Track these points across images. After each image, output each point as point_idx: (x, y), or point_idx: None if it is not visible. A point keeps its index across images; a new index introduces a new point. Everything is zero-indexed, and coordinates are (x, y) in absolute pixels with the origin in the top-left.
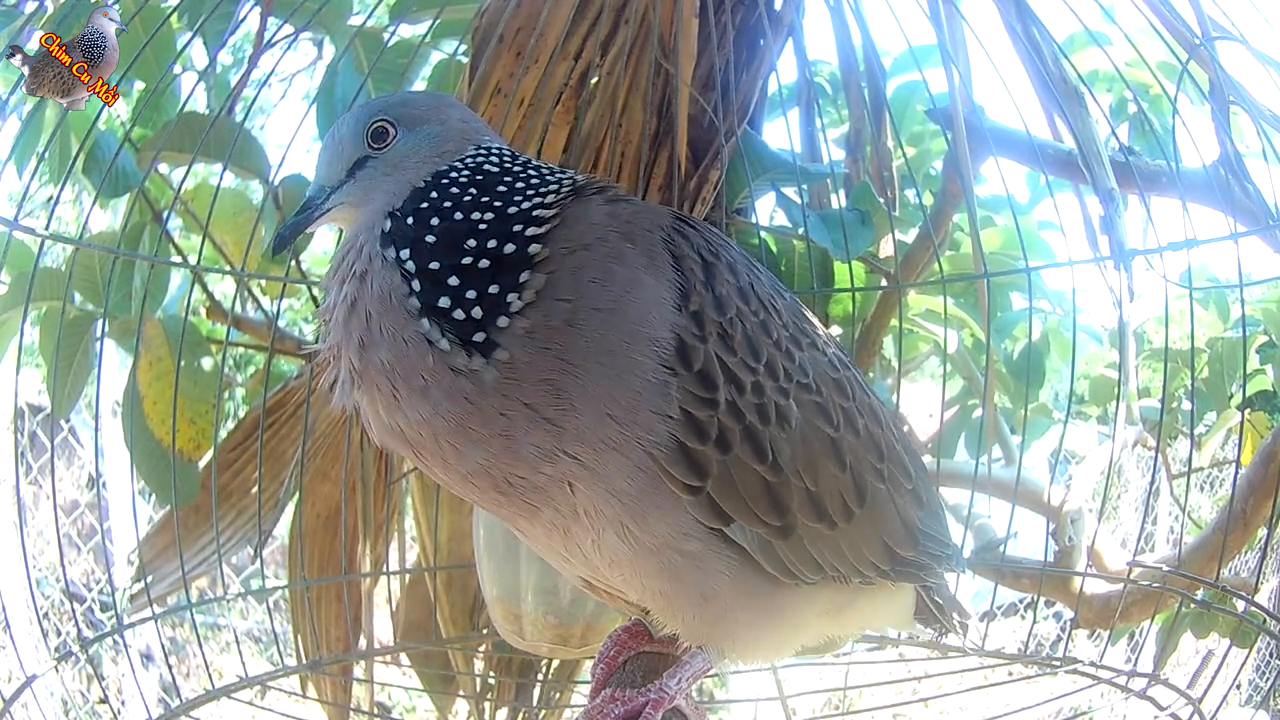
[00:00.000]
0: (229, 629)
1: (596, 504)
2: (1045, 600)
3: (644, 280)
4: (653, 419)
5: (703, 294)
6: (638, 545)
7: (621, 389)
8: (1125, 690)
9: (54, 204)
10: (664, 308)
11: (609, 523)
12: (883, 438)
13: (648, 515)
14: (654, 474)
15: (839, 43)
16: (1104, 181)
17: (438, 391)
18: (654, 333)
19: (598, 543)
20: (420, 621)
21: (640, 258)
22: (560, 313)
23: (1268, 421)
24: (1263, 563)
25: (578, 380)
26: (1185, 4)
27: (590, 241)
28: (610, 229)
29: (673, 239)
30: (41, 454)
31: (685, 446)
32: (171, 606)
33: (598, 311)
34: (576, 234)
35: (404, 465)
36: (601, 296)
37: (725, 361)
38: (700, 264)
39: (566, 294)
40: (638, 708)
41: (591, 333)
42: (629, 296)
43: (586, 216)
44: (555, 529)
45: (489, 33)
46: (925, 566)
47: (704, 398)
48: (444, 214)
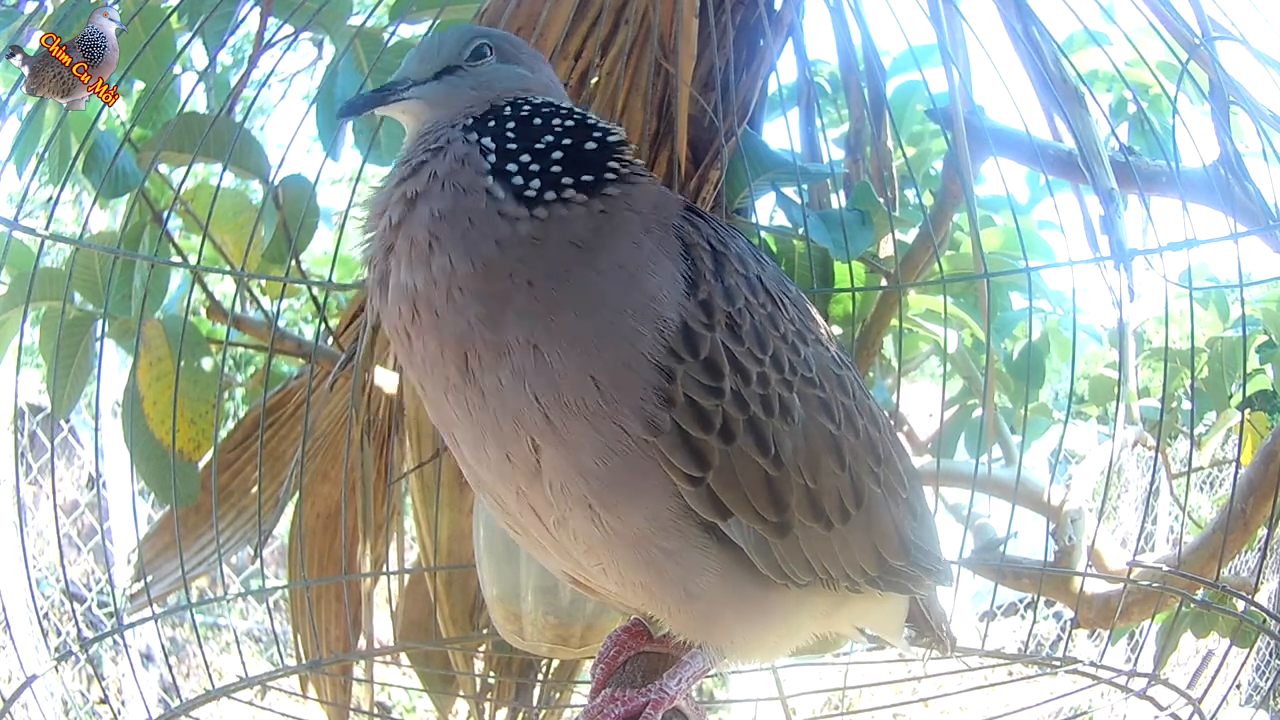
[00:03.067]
0: (229, 629)
1: (563, 480)
2: (1045, 600)
3: (662, 260)
4: (640, 406)
5: (712, 283)
6: (610, 532)
7: (613, 353)
8: (1125, 690)
9: (54, 204)
10: (676, 290)
11: (576, 503)
12: (880, 442)
13: (618, 505)
14: (631, 461)
15: (839, 43)
16: (1104, 181)
17: (476, 233)
18: (663, 311)
19: (566, 522)
20: (420, 621)
21: (658, 241)
22: (596, 237)
23: (1267, 421)
24: (1263, 563)
25: (576, 306)
26: (1185, 4)
27: (641, 207)
28: (653, 205)
29: (683, 228)
30: (41, 454)
31: (688, 435)
32: (171, 606)
33: (621, 269)
34: (633, 198)
35: (404, 465)
36: (629, 259)
37: (732, 351)
38: (710, 253)
39: (606, 234)
40: (638, 708)
41: (606, 280)
42: (649, 269)
43: (640, 187)
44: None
45: None
46: (915, 578)
47: (709, 386)
48: (523, 120)
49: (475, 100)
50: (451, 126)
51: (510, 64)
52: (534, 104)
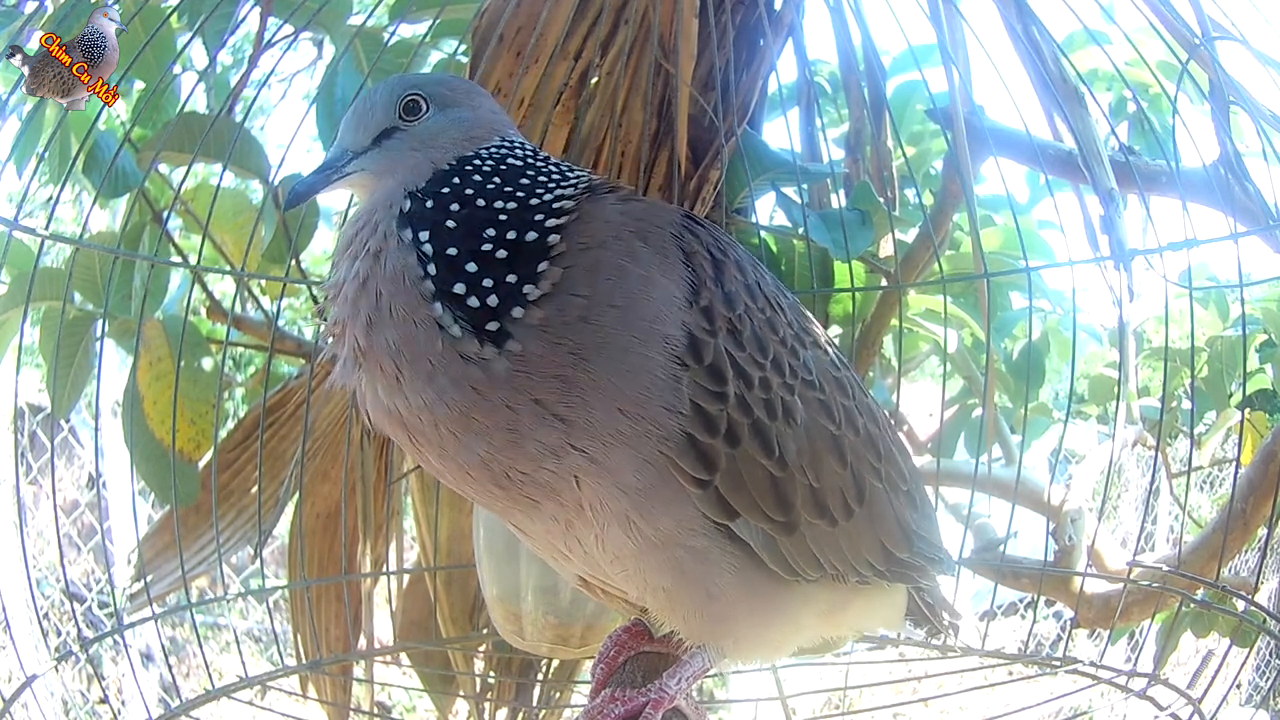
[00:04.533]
0: (229, 629)
1: (603, 499)
2: (1045, 600)
3: (657, 279)
4: (663, 413)
5: (713, 290)
6: (643, 540)
7: (633, 385)
8: (1125, 690)
9: (54, 204)
10: (676, 305)
11: (614, 517)
12: (880, 439)
13: (654, 510)
14: (663, 468)
15: (839, 42)
16: (1104, 181)
17: (444, 378)
18: (666, 330)
19: (601, 538)
20: (420, 621)
21: (653, 256)
22: (575, 307)
23: (1267, 421)
24: (1263, 562)
25: (590, 375)
26: (1185, 4)
27: (605, 239)
28: (625, 227)
29: (683, 236)
30: (41, 454)
31: (695, 440)
32: (171, 606)
33: (612, 308)
34: (592, 231)
35: (404, 465)
36: (616, 293)
37: (734, 356)
38: (710, 261)
39: (582, 289)
40: (638, 708)
41: (605, 328)
42: (643, 294)
43: (602, 214)
44: (556, 523)
45: (489, 33)
46: (918, 568)
47: (714, 391)
48: (465, 201)
49: (418, 165)
50: (390, 210)
51: (448, 109)
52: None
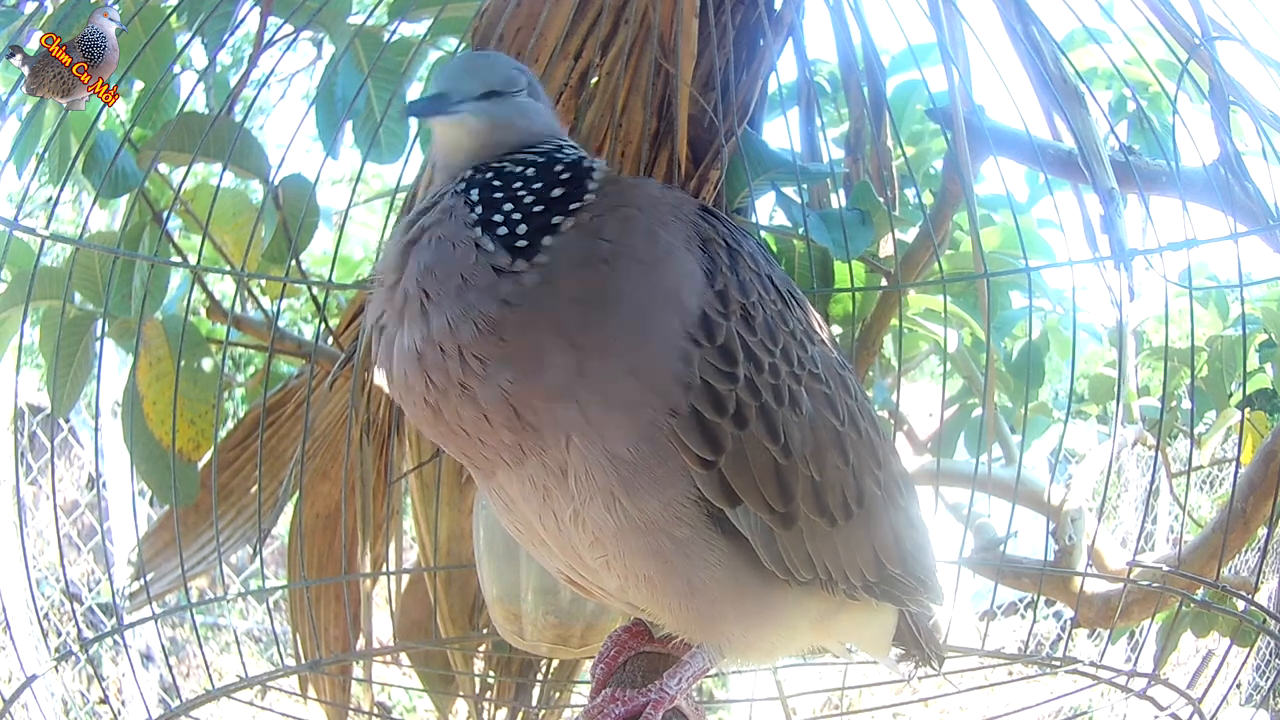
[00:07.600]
0: (229, 629)
1: (589, 468)
2: (1045, 600)
3: (681, 251)
4: (672, 384)
5: (728, 276)
6: (625, 520)
7: (646, 345)
8: (1125, 690)
9: (54, 204)
10: (695, 281)
11: (599, 492)
12: (880, 447)
13: (641, 489)
14: (660, 445)
15: (839, 42)
16: (1104, 181)
17: (474, 292)
18: (684, 300)
19: (580, 514)
20: (420, 621)
21: (679, 231)
22: (601, 251)
23: (1267, 420)
24: (1263, 562)
25: (605, 319)
26: (1185, 3)
27: (641, 203)
28: (659, 200)
29: (700, 224)
30: (41, 454)
31: (703, 418)
32: (171, 606)
33: (638, 264)
34: (626, 195)
35: (404, 465)
36: (642, 251)
37: (746, 340)
38: (725, 249)
39: (610, 235)
40: (638, 708)
41: (630, 278)
42: (667, 260)
43: (635, 185)
44: (534, 488)
45: (489, 32)
46: (909, 589)
47: (725, 371)
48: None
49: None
50: (457, 182)
51: (537, 98)
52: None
